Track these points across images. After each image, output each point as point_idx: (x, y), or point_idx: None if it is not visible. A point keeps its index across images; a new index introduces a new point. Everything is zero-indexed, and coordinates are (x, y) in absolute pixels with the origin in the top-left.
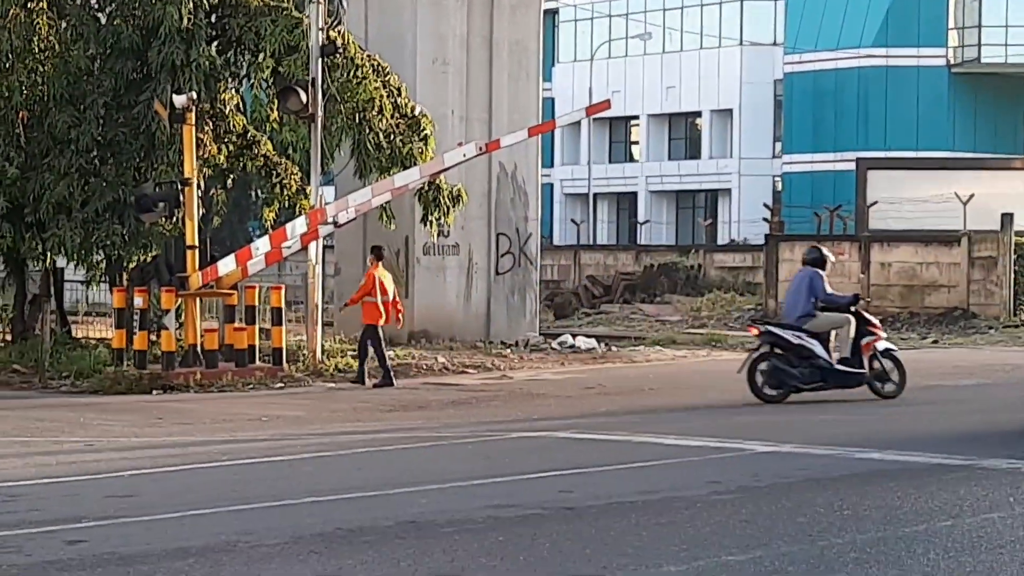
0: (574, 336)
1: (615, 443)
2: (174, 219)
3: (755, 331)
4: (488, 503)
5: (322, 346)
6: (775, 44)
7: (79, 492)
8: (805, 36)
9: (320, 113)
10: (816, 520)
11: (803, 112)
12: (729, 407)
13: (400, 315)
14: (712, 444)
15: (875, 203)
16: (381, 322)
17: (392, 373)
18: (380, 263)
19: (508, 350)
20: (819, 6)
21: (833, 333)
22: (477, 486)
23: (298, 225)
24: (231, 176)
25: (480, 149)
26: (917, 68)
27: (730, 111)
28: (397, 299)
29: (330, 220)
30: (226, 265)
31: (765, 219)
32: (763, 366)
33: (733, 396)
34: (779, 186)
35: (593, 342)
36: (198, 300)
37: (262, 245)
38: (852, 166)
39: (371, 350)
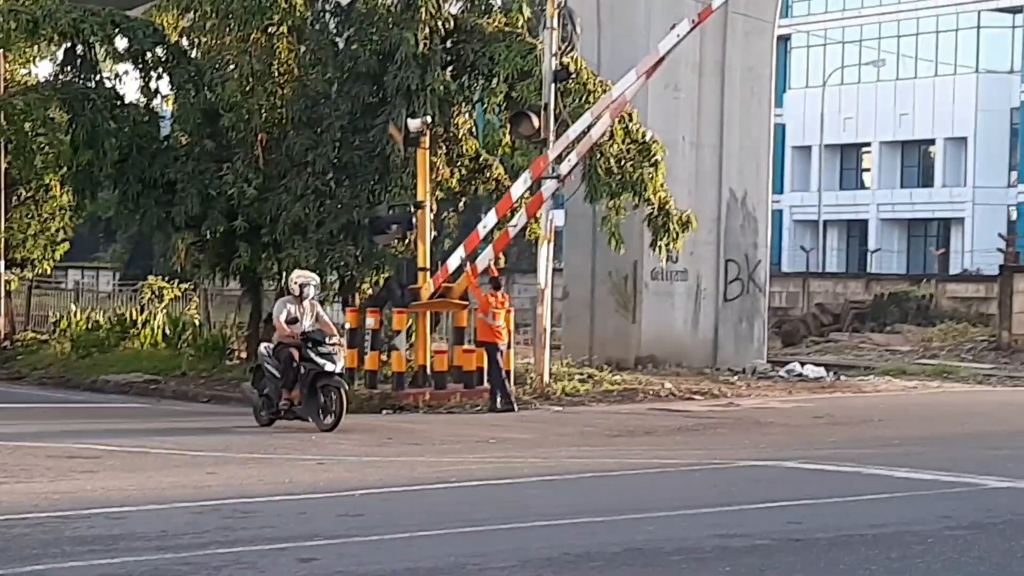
0: (802, 364)
1: (844, 474)
2: (407, 241)
3: None
4: (715, 532)
5: (549, 369)
6: (1012, 72)
7: (311, 510)
8: None
9: (552, 138)
10: None
11: None
12: (962, 440)
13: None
14: (944, 478)
15: None
16: (500, 344)
17: (503, 398)
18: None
19: (735, 377)
20: None
21: None
22: (704, 514)
23: (518, 186)
24: (463, 199)
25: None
26: None
27: (964, 139)
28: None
29: (552, 173)
30: (455, 259)
31: (999, 249)
32: None
33: (966, 429)
34: (1014, 216)
35: (821, 371)
36: (429, 321)
37: (488, 220)
38: None
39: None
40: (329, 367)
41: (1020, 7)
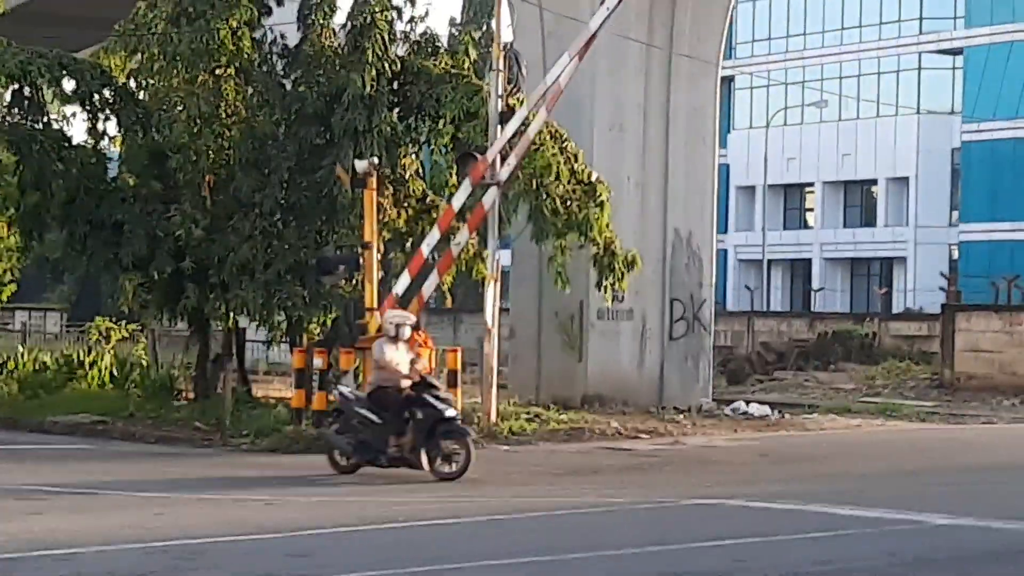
0: (747, 402)
1: (789, 512)
2: (354, 282)
3: None
4: (663, 570)
5: (497, 408)
6: (952, 113)
7: (260, 550)
8: (983, 105)
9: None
10: None
11: (981, 181)
12: (905, 477)
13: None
14: (888, 515)
15: None
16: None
17: None
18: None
19: (681, 415)
20: (997, 75)
21: None
22: (651, 553)
23: (459, 196)
24: (410, 240)
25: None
26: None
27: (906, 179)
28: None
29: (491, 179)
30: (402, 283)
31: (942, 288)
32: None
33: (909, 466)
34: (956, 255)
35: (766, 409)
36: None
37: (431, 238)
38: None
39: None
40: (450, 412)
41: (959, 49)
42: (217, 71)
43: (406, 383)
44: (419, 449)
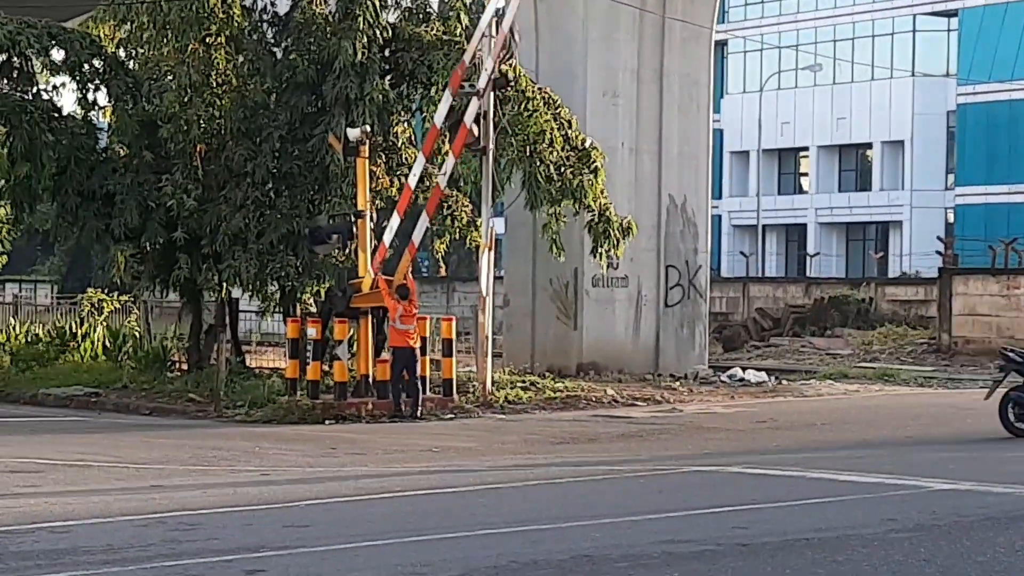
0: (744, 369)
1: (788, 479)
2: (347, 251)
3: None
4: (662, 538)
5: (492, 377)
6: (948, 75)
7: (256, 521)
8: (979, 67)
9: (491, 146)
10: (996, 560)
11: (976, 143)
12: (905, 443)
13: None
14: (888, 481)
15: None
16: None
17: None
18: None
19: (677, 383)
20: (993, 37)
21: None
22: (650, 520)
23: (441, 110)
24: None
25: None
26: None
27: (901, 143)
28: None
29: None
30: (392, 225)
31: (938, 252)
32: (1014, 397)
33: (908, 431)
34: (952, 218)
35: (763, 375)
36: (370, 329)
37: (417, 167)
38: None
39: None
40: None
41: (954, 11)
42: (207, 39)
43: None
44: None
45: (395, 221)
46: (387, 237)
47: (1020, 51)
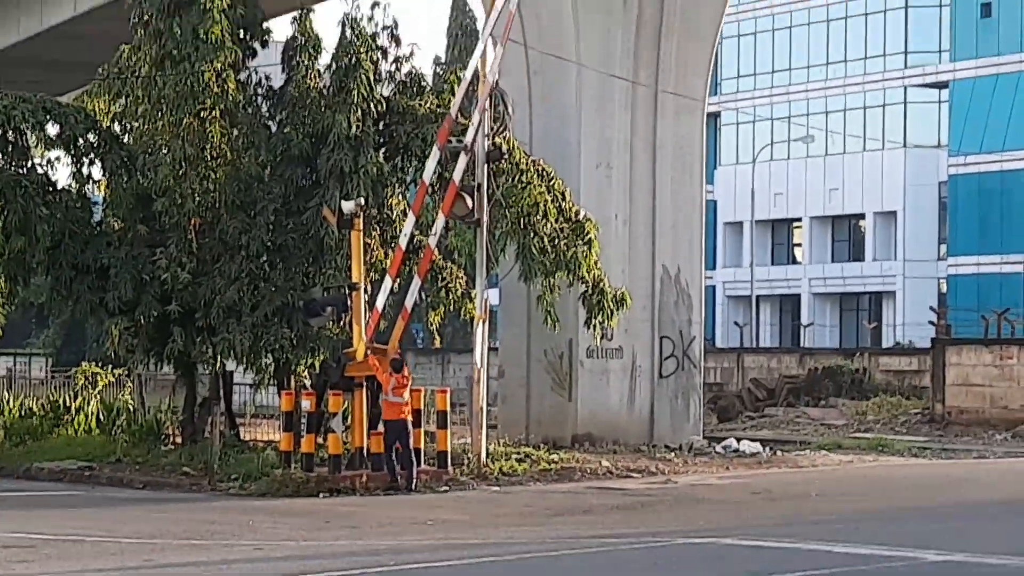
0: (738, 440)
1: (783, 551)
2: (341, 323)
3: None
4: None
5: (487, 449)
6: (939, 146)
7: None
8: (969, 138)
9: (485, 218)
10: None
11: (968, 214)
12: (899, 514)
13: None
14: (883, 553)
15: None
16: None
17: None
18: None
19: (672, 454)
20: (983, 108)
21: None
22: None
23: (429, 165)
24: (397, 280)
25: None
26: None
27: (894, 213)
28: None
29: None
30: (384, 288)
31: (931, 322)
32: None
33: (902, 502)
34: (944, 288)
35: (758, 446)
36: (364, 401)
37: (407, 227)
38: (1019, 268)
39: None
40: None
41: (945, 83)
42: (202, 113)
43: None
44: None
45: (387, 284)
46: (380, 301)
47: (1010, 122)
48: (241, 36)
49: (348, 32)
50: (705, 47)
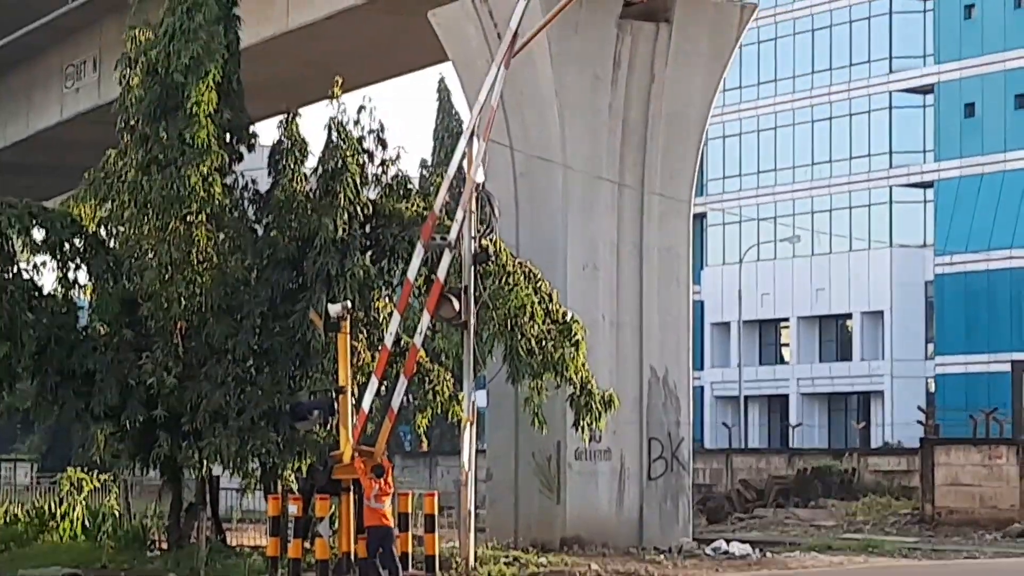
0: (728, 541)
1: None
2: (328, 427)
3: None
4: None
5: (475, 553)
6: (925, 246)
7: None
8: (955, 238)
9: (473, 320)
10: None
11: (955, 313)
12: None
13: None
14: None
15: None
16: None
17: None
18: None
19: (662, 556)
20: (969, 208)
21: None
22: None
23: (414, 265)
24: (384, 383)
25: None
26: None
27: (881, 313)
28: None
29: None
30: (370, 389)
31: (919, 422)
32: None
33: None
34: (932, 387)
35: (747, 548)
36: (351, 506)
37: (393, 325)
38: (1007, 368)
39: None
40: None
41: (930, 182)
42: (188, 217)
43: None
44: None
45: (374, 384)
46: (366, 402)
47: (996, 221)
48: (227, 140)
49: (334, 136)
50: (691, 149)
